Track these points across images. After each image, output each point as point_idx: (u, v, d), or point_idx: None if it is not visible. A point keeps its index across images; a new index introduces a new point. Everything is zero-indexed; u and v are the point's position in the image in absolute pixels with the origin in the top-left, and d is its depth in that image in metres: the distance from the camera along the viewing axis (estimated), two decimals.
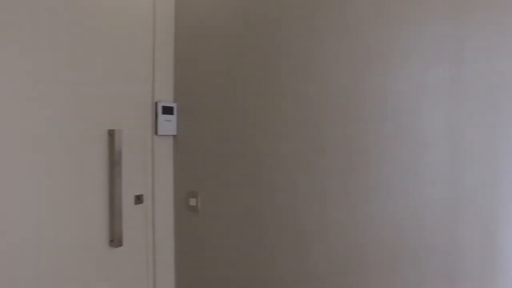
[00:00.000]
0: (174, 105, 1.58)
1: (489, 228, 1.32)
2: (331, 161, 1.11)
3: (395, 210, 1.11)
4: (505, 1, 1.36)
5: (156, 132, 1.50)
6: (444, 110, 1.22)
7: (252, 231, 1.33)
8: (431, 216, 1.18)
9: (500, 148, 1.38)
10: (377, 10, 1.11)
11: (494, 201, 1.34)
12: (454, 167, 1.25)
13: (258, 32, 1.34)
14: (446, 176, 1.22)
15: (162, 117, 1.51)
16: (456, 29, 1.24)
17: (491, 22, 1.30)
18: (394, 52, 1.10)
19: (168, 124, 1.55)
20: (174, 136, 1.61)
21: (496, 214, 1.35)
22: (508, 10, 1.32)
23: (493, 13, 1.28)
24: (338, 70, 1.10)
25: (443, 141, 1.22)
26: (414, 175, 1.14)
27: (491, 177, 1.35)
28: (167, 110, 1.54)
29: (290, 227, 1.23)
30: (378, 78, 1.09)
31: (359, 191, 1.09)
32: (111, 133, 1.29)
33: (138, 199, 1.43)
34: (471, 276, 1.25)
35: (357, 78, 1.09)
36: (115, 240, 1.28)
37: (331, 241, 1.10)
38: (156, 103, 1.50)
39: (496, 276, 1.30)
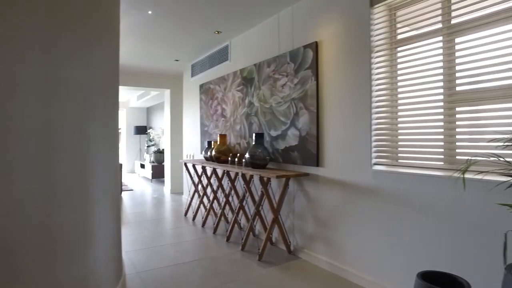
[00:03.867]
0: None
1: (82, 209, 1.46)
2: None
3: None
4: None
5: None
6: (39, 107, 1.20)
7: None
8: (25, 209, 1.15)
9: (88, 140, 1.52)
10: None
11: (84, 186, 1.48)
12: (50, 160, 1.27)
13: None
14: (40, 170, 1.21)
15: None
16: (48, 33, 1.24)
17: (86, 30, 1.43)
18: None
19: None
20: None
21: (87, 196, 1.50)
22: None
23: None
24: None
25: (38, 137, 1.21)
26: (3, 174, 1.06)
27: (82, 166, 1.46)
28: None
29: None
30: None
31: None
32: None
33: None
34: (66, 252, 1.35)
35: None
36: None
37: None
38: None
39: (85, 250, 1.47)
